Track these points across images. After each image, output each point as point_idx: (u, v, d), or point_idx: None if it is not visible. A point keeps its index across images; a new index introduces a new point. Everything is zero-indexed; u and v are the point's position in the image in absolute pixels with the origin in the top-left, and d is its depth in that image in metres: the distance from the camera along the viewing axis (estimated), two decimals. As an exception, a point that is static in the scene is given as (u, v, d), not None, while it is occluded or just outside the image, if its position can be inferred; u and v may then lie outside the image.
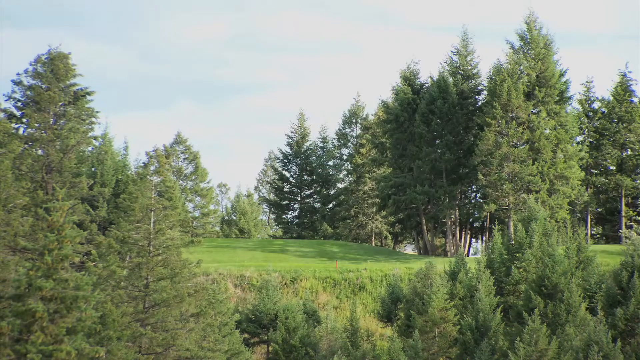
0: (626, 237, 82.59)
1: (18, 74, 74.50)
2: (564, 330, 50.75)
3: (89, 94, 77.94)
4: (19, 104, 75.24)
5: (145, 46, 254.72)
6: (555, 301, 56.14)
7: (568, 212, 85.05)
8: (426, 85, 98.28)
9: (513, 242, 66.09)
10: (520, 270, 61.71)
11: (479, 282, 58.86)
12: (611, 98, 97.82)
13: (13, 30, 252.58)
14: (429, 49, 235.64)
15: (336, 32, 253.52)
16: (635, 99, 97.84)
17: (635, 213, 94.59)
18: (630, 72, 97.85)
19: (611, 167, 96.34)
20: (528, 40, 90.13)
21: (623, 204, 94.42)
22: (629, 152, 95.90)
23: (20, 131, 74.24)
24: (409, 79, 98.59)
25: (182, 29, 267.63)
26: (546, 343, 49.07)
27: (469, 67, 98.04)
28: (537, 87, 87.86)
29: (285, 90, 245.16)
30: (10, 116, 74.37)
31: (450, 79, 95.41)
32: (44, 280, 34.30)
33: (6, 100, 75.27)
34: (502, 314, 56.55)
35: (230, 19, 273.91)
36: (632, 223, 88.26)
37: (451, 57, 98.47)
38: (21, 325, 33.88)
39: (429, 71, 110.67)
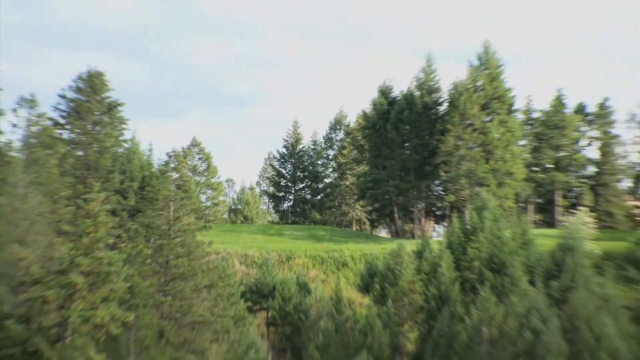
0: (563, 222, 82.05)
1: (62, 89, 75.84)
2: (509, 299, 50.90)
3: (120, 105, 78.50)
4: (64, 113, 76.00)
5: (165, 63, 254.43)
6: (503, 275, 56.74)
7: (514, 202, 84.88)
8: (398, 98, 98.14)
9: (468, 226, 65.95)
10: (474, 249, 61.65)
11: (441, 259, 58.86)
12: (549, 109, 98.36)
13: (48, 49, 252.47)
14: (403, 69, 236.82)
15: (325, 53, 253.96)
16: (568, 110, 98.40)
17: (568, 203, 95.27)
18: (563, 88, 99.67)
19: (548, 166, 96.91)
20: (484, 61, 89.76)
21: (557, 196, 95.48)
22: (563, 154, 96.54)
23: (65, 136, 75.01)
24: (384, 92, 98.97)
25: (196, 50, 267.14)
26: (495, 309, 49.36)
27: (432, 83, 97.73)
28: (493, 101, 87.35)
29: (282, 102, 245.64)
30: (56, 124, 75.15)
31: (417, 93, 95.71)
32: (83, 257, 34.45)
33: (53, 110, 76.06)
34: (460, 285, 56.62)
35: (235, 42, 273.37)
36: (573, 211, 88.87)
37: (418, 75, 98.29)
38: (65, 295, 34.06)
39: (401, 87, 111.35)
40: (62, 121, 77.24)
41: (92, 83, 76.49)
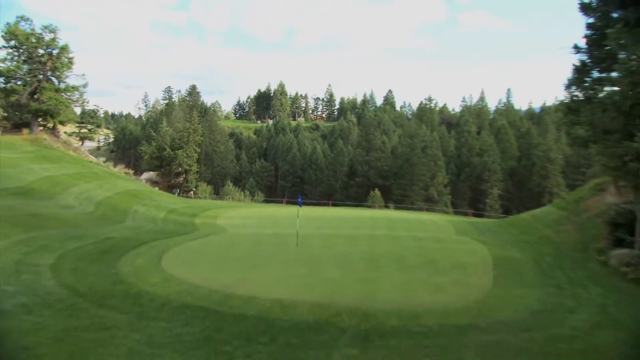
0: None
1: (189, 87, 71.87)
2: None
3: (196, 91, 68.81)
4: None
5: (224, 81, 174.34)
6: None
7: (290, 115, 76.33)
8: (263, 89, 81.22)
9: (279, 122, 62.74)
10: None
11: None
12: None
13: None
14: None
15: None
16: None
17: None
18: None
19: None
20: (280, 86, 79.21)
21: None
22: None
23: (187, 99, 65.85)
24: (260, 91, 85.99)
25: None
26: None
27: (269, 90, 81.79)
28: (279, 91, 78.36)
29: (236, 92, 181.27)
30: (185, 96, 68.99)
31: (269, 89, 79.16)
32: (192, 130, 37.63)
33: (184, 92, 69.26)
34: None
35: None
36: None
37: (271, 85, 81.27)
38: (187, 135, 37.11)
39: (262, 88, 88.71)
40: (186, 95, 66.64)
41: (194, 87, 70.10)
